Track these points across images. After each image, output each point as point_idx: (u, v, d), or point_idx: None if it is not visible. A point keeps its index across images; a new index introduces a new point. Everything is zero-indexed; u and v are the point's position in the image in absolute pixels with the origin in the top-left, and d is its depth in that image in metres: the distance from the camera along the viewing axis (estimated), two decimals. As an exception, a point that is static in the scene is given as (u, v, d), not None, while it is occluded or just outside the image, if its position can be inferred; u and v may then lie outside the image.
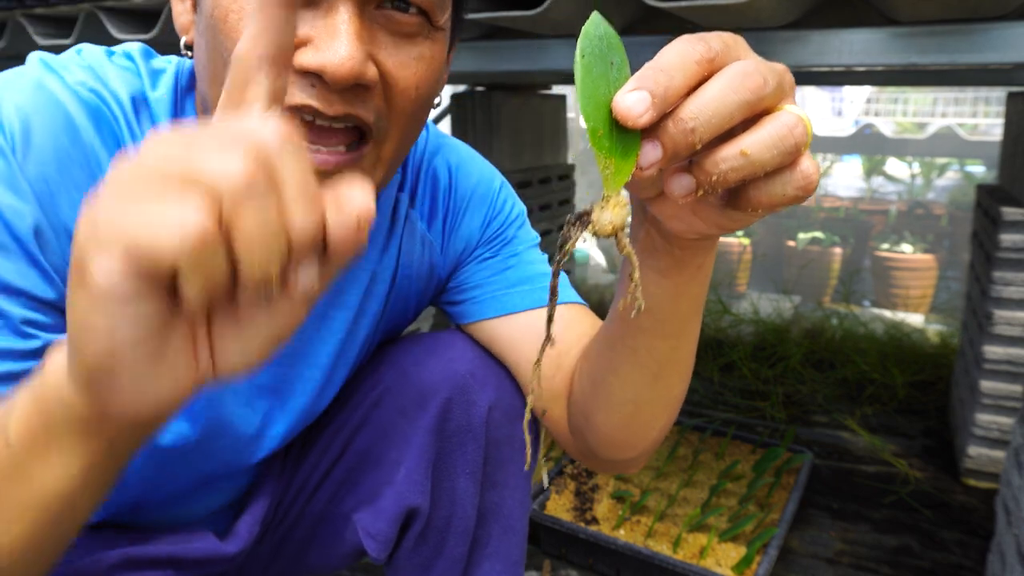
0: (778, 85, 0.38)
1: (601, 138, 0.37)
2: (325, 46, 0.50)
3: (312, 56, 0.50)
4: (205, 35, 0.54)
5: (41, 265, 0.53)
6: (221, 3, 0.51)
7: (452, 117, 2.40)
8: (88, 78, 0.59)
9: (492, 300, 0.79)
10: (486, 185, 0.81)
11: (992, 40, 1.02)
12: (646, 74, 0.36)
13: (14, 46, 1.74)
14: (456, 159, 0.80)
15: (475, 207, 0.80)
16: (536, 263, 0.81)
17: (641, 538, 1.52)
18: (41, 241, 0.53)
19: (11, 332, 0.51)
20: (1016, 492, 1.12)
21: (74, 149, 0.55)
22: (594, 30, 0.38)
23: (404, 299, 0.82)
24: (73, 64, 0.59)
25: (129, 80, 0.61)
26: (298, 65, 0.51)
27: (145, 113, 0.61)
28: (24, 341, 0.52)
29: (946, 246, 5.65)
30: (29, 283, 0.52)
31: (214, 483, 0.81)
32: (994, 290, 1.71)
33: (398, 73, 0.55)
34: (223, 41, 0.51)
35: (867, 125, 6.68)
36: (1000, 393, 1.74)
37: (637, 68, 0.37)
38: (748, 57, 0.39)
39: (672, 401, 0.63)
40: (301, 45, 0.51)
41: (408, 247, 0.78)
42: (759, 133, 0.38)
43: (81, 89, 0.57)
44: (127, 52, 0.65)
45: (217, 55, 0.52)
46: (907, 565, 1.54)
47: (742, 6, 0.98)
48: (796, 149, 0.38)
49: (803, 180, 0.39)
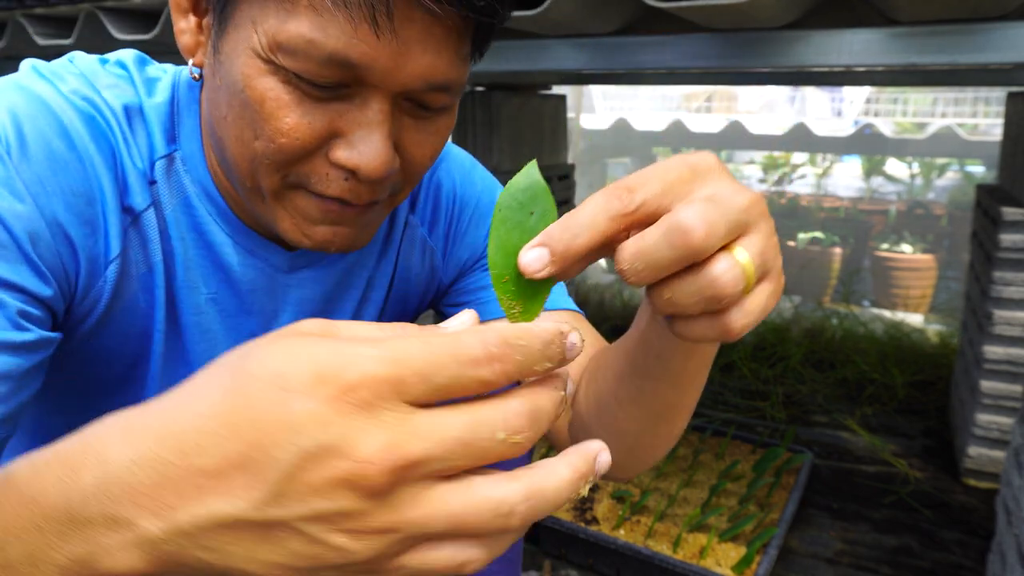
0: (731, 228, 0.38)
1: (506, 283, 0.39)
2: (359, 144, 0.53)
3: (347, 154, 0.53)
4: (230, 98, 0.54)
5: (36, 264, 0.53)
6: (255, 84, 0.51)
7: (452, 117, 2.40)
8: (81, 86, 0.59)
9: (495, 302, 0.79)
10: (489, 195, 0.81)
11: (992, 40, 1.02)
12: (553, 230, 0.37)
13: (14, 46, 1.74)
14: (459, 168, 0.81)
15: (480, 217, 0.80)
16: None
17: (641, 538, 1.52)
18: (37, 241, 0.53)
19: (8, 322, 0.51)
20: (1016, 492, 1.12)
21: (69, 153, 0.55)
22: (521, 182, 0.39)
23: (402, 302, 0.82)
24: (66, 72, 0.59)
25: (122, 89, 0.61)
26: (334, 160, 0.54)
27: (139, 123, 0.61)
28: (20, 333, 0.52)
29: (946, 246, 5.65)
30: (24, 279, 0.52)
31: None
32: (994, 290, 1.71)
33: (417, 150, 0.58)
34: (259, 122, 0.53)
35: (867, 125, 6.67)
36: (1000, 393, 1.75)
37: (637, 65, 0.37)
38: (708, 188, 0.39)
39: (672, 438, 0.64)
40: (334, 136, 0.53)
41: (407, 252, 0.78)
42: (684, 283, 0.38)
43: (75, 97, 0.57)
44: (120, 60, 0.64)
45: (247, 126, 0.54)
46: (907, 565, 1.54)
47: (742, 6, 0.98)
48: (721, 299, 0.38)
49: (721, 328, 0.39)
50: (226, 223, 0.64)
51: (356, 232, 0.60)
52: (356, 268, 0.74)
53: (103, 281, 0.59)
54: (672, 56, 1.24)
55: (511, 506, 0.31)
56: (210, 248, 0.64)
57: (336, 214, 0.57)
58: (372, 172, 0.53)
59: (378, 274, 0.77)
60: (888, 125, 6.93)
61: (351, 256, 0.73)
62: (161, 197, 0.62)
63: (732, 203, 0.38)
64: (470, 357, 0.31)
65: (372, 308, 0.78)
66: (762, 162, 7.95)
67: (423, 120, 0.57)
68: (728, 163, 10.30)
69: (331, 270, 0.72)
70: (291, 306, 0.70)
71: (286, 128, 0.52)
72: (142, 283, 0.62)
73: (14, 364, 0.51)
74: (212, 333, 0.67)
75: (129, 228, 0.60)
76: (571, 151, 6.00)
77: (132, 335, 0.63)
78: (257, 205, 0.59)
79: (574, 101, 6.17)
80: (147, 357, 0.65)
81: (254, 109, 0.52)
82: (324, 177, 0.55)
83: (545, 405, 0.33)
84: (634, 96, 9.94)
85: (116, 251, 0.59)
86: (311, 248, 0.59)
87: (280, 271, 0.68)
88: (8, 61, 1.98)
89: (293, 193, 0.57)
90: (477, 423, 0.31)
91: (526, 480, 0.32)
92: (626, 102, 9.88)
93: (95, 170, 0.57)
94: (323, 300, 0.73)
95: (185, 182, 0.63)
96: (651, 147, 7.55)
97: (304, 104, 0.52)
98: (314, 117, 0.52)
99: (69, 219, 0.55)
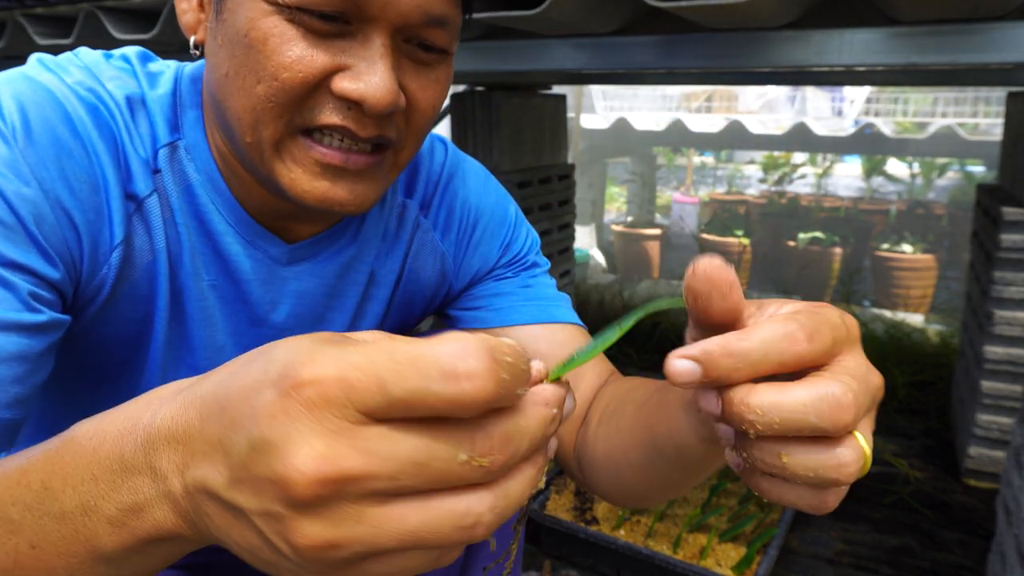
0: (860, 409, 0.36)
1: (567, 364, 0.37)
2: (364, 76, 0.54)
3: (352, 85, 0.54)
4: (232, 49, 0.55)
5: (43, 246, 0.54)
6: (259, 25, 0.53)
7: (452, 117, 2.40)
8: (85, 78, 0.60)
9: (509, 310, 0.80)
10: (503, 209, 0.83)
11: (992, 40, 1.02)
12: (713, 350, 0.35)
13: (14, 46, 1.74)
14: (475, 178, 0.82)
15: (494, 229, 0.81)
16: (551, 287, 0.84)
17: (641, 538, 1.52)
18: (43, 224, 0.54)
19: (20, 303, 0.52)
20: (1016, 492, 1.12)
21: (73, 140, 0.56)
22: (625, 323, 0.40)
23: (409, 305, 0.82)
24: (71, 65, 0.61)
25: (125, 81, 0.63)
26: (339, 90, 0.55)
27: (141, 113, 0.62)
28: (32, 315, 0.53)
29: (946, 246, 5.65)
30: (33, 261, 0.53)
31: None
32: (994, 290, 1.71)
33: (420, 95, 0.59)
34: (262, 61, 0.54)
35: (867, 125, 6.67)
36: (1000, 393, 1.74)
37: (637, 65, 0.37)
38: (853, 358, 0.37)
39: (676, 495, 0.64)
40: (337, 70, 0.54)
41: (418, 253, 0.79)
42: (808, 454, 0.36)
43: (79, 87, 0.59)
44: (124, 55, 0.66)
45: (250, 72, 0.54)
46: (907, 565, 1.54)
47: (742, 6, 0.97)
48: (839, 484, 0.36)
49: (818, 504, 0.38)
50: (229, 211, 0.65)
51: (361, 190, 0.60)
52: (356, 263, 0.74)
53: (107, 267, 0.60)
54: (672, 56, 1.24)
55: (476, 516, 0.29)
56: (211, 236, 0.65)
57: (337, 167, 0.58)
58: (377, 102, 0.54)
59: (383, 271, 0.77)
60: (888, 125, 6.92)
61: (350, 250, 0.73)
62: (166, 184, 0.63)
63: (871, 384, 0.37)
64: (440, 369, 0.27)
65: (376, 305, 0.78)
66: (762, 162, 7.95)
67: (423, 67, 0.59)
68: (728, 163, 10.29)
69: (329, 264, 0.72)
70: (289, 298, 0.71)
71: (288, 62, 0.53)
72: (146, 269, 0.63)
73: (28, 345, 0.52)
74: (213, 319, 0.68)
75: (133, 215, 0.61)
76: (571, 151, 6.01)
77: (134, 320, 0.64)
78: (258, 164, 0.59)
79: (574, 101, 6.17)
80: (148, 342, 0.66)
81: (257, 50, 0.53)
82: (327, 108, 0.56)
83: (527, 425, 0.30)
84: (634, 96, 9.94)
85: (120, 237, 0.60)
86: (313, 204, 0.59)
87: (279, 263, 0.69)
88: (8, 61, 1.98)
89: (293, 144, 0.57)
90: (435, 440, 0.28)
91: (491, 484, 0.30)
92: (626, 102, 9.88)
93: (98, 157, 0.58)
94: (323, 294, 0.73)
95: (188, 170, 0.64)
96: (651, 147, 7.55)
97: (307, 39, 0.53)
98: (317, 52, 0.54)
99: (73, 204, 0.56)
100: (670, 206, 7.67)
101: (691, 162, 9.28)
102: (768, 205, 6.65)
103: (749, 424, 0.35)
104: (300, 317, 0.72)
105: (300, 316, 0.72)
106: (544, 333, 0.78)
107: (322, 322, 0.75)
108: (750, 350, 0.35)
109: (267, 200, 0.65)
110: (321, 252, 0.71)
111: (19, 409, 0.53)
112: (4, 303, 0.51)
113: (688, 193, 8.11)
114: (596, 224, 6.49)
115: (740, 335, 0.36)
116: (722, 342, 0.35)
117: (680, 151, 8.90)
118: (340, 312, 0.75)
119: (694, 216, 7.01)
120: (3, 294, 0.51)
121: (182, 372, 0.69)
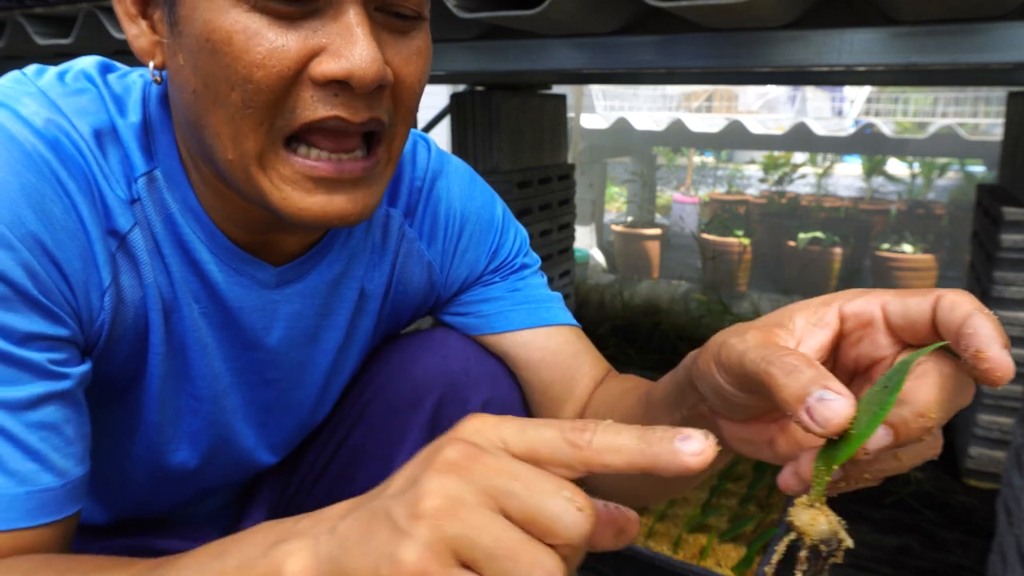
0: None
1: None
2: (344, 51, 0.49)
3: (335, 63, 0.49)
4: (196, 61, 0.51)
5: (45, 306, 0.52)
6: (219, 25, 0.49)
7: (452, 117, 2.40)
8: (42, 108, 0.54)
9: (498, 316, 0.79)
10: (490, 212, 0.81)
11: (992, 40, 1.02)
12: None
13: (13, 46, 1.74)
14: (459, 181, 0.79)
15: (481, 234, 0.80)
16: (542, 287, 0.82)
17: (641, 538, 1.52)
18: (38, 281, 0.51)
19: (44, 377, 0.51)
20: (1017, 492, 1.12)
21: (42, 184, 0.52)
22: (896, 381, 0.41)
23: (397, 315, 0.82)
24: (22, 95, 0.55)
25: (87, 108, 0.57)
26: (320, 74, 0.50)
27: (112, 145, 0.58)
28: (60, 382, 0.52)
29: (946, 246, 5.65)
30: (40, 326, 0.51)
31: (215, 492, 0.82)
32: (995, 290, 1.71)
33: (405, 69, 0.55)
34: (230, 64, 0.49)
35: (867, 125, 6.66)
36: (1001, 393, 1.74)
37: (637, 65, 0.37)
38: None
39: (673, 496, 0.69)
40: (313, 55, 0.50)
41: (404, 264, 0.77)
42: (918, 445, 0.42)
43: (35, 120, 0.53)
44: (83, 71, 0.60)
45: (221, 80, 0.50)
46: (908, 565, 1.53)
47: (742, 6, 0.97)
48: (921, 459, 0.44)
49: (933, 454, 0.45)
50: (210, 239, 0.62)
51: (361, 197, 0.56)
52: (345, 279, 0.72)
53: (102, 313, 0.57)
54: (672, 56, 1.24)
55: (551, 570, 0.34)
56: (196, 265, 0.62)
57: (331, 179, 0.53)
58: (365, 73, 0.49)
59: (371, 285, 0.75)
60: (889, 125, 6.91)
61: (337, 267, 0.71)
62: (148, 214, 0.59)
63: None
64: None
65: (368, 319, 0.78)
66: (762, 162, 7.94)
67: (401, 36, 0.54)
68: (728, 163, 10.29)
69: (319, 282, 0.70)
70: (281, 321, 0.69)
71: (259, 58, 0.49)
72: (137, 306, 0.60)
73: (67, 407, 0.53)
74: (208, 347, 0.66)
75: (116, 252, 0.58)
76: (571, 151, 6.00)
77: (131, 356, 0.63)
78: (244, 184, 0.55)
79: (574, 101, 6.17)
80: (143, 376, 0.64)
81: (223, 53, 0.49)
82: (311, 102, 0.51)
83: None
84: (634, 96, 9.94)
85: (108, 280, 0.57)
86: (310, 222, 0.54)
87: (267, 287, 0.66)
88: (8, 61, 1.98)
89: (278, 160, 0.53)
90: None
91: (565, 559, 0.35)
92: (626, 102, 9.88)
93: (71, 199, 0.54)
94: (314, 314, 0.71)
95: (167, 198, 0.60)
96: (651, 147, 7.55)
97: (274, 28, 0.49)
98: (287, 40, 0.49)
99: (60, 254, 0.53)
100: (670, 206, 7.67)
101: (691, 162, 9.28)
102: (768, 205, 6.64)
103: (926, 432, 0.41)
104: (293, 339, 0.71)
105: (293, 338, 0.71)
106: (536, 337, 0.78)
107: (315, 341, 0.73)
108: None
109: (252, 214, 0.61)
110: (309, 272, 0.69)
111: (87, 462, 0.54)
112: (28, 381, 0.50)
113: (688, 193, 8.11)
114: (596, 224, 6.49)
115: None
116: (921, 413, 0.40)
117: (680, 151, 8.89)
118: (333, 330, 0.74)
119: (694, 216, 7.01)
120: (21, 373, 0.50)
121: (181, 400, 0.67)
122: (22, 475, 0.49)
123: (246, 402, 0.73)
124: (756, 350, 0.42)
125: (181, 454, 0.71)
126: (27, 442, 0.50)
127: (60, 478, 0.52)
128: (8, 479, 0.49)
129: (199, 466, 0.73)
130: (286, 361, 0.72)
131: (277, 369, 0.72)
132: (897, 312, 0.43)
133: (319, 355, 0.75)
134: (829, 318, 0.45)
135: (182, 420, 0.69)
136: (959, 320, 0.39)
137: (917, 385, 0.40)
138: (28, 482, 0.50)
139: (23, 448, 0.50)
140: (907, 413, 0.39)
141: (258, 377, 0.72)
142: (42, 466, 0.50)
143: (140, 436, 0.67)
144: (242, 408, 0.73)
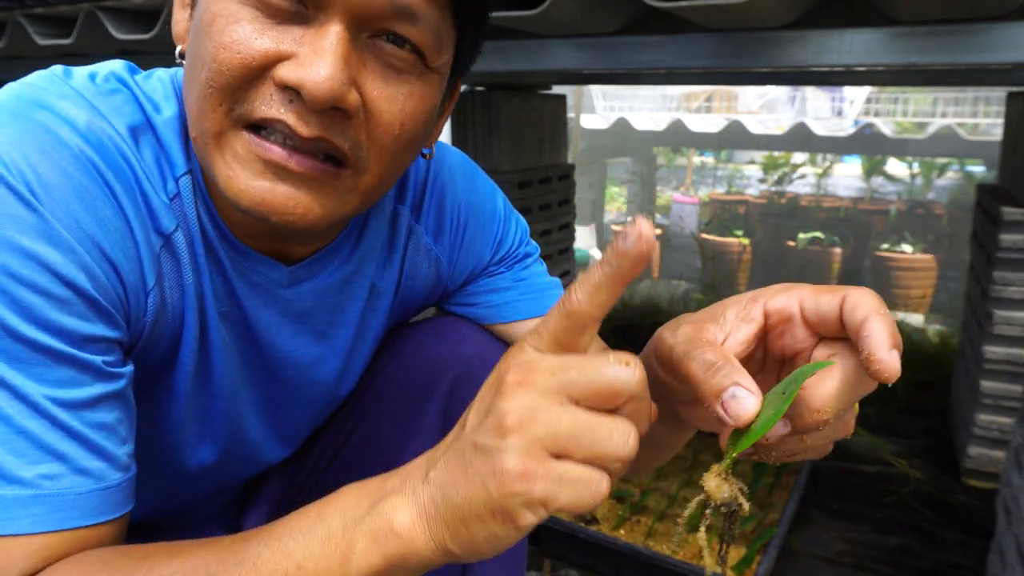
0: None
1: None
2: (308, 63, 0.49)
3: (292, 71, 0.49)
4: (193, 39, 0.54)
5: (103, 308, 0.52)
6: (211, 8, 0.51)
7: (452, 117, 2.40)
8: (81, 111, 0.54)
9: (506, 306, 0.80)
10: (492, 204, 0.81)
11: (992, 40, 1.02)
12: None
13: (14, 46, 1.74)
14: (462, 174, 0.80)
15: (484, 226, 0.80)
16: (544, 275, 0.84)
17: (641, 538, 1.52)
18: (96, 283, 0.52)
19: (101, 378, 0.52)
20: (1016, 492, 1.12)
21: (92, 186, 0.52)
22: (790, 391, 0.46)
23: (405, 308, 0.82)
24: (61, 96, 0.54)
25: (122, 108, 0.57)
26: (277, 78, 0.50)
27: (148, 141, 0.58)
28: (114, 383, 0.53)
29: (946, 246, 5.65)
30: (98, 329, 0.52)
31: (225, 490, 0.83)
32: (994, 290, 1.71)
33: (382, 106, 0.53)
34: (206, 44, 0.50)
35: (867, 125, 6.67)
36: (1000, 393, 1.74)
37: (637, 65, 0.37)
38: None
39: (647, 470, 0.72)
40: (283, 58, 0.50)
41: (413, 260, 0.78)
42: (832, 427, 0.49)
43: (79, 121, 0.53)
44: (114, 73, 0.60)
45: (197, 59, 0.51)
46: (907, 565, 1.54)
47: (742, 6, 0.97)
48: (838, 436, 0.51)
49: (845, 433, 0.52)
50: (223, 239, 0.62)
51: (303, 199, 0.53)
52: (356, 277, 0.73)
53: (146, 315, 0.58)
54: (672, 56, 1.24)
55: (626, 432, 0.42)
56: (219, 263, 0.63)
57: (279, 165, 0.52)
58: (316, 88, 0.48)
59: (382, 282, 0.76)
60: (888, 125, 6.92)
61: (349, 265, 0.71)
62: (187, 213, 0.60)
63: None
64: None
65: (378, 316, 0.78)
66: (762, 162, 7.95)
67: (392, 72, 0.53)
68: (728, 163, 10.29)
69: (330, 281, 0.70)
70: (292, 319, 0.70)
71: (228, 41, 0.49)
72: (175, 307, 0.61)
73: (119, 408, 0.54)
74: (230, 347, 0.67)
75: (161, 251, 0.58)
76: (571, 151, 6.00)
77: (163, 356, 0.63)
78: (204, 163, 0.55)
79: (574, 101, 6.17)
80: (173, 375, 0.65)
81: (204, 33, 0.51)
82: (269, 99, 0.51)
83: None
84: (634, 96, 9.94)
85: (152, 282, 0.57)
86: (247, 208, 0.53)
87: (280, 286, 0.67)
88: (8, 61, 1.98)
89: (234, 136, 0.52)
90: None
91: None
92: (626, 102, 9.88)
93: (119, 200, 0.54)
94: (326, 311, 0.72)
95: (197, 197, 0.61)
96: (651, 147, 7.55)
97: (256, 22, 0.50)
98: (263, 35, 0.50)
99: (116, 254, 0.53)
100: (670, 206, 7.67)
101: (691, 162, 9.28)
102: (768, 205, 6.65)
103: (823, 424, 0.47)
104: (305, 336, 0.72)
105: (305, 336, 0.72)
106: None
107: (327, 338, 0.74)
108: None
109: (249, 220, 0.60)
110: (321, 271, 0.69)
111: (134, 462, 0.56)
112: (88, 383, 0.51)
113: (688, 193, 8.11)
114: (596, 224, 6.49)
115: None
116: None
117: (680, 151, 8.90)
118: (344, 327, 0.75)
119: (694, 216, 7.02)
120: (82, 375, 0.51)
121: (203, 400, 0.68)
122: (94, 473, 0.51)
123: (259, 399, 0.73)
124: (682, 345, 0.49)
125: (201, 452, 0.72)
126: (93, 440, 0.51)
127: (125, 474, 0.54)
128: (84, 478, 0.50)
129: (216, 463, 0.73)
130: (299, 358, 0.73)
131: (290, 366, 0.73)
132: (811, 309, 0.48)
133: (331, 352, 0.76)
134: (755, 313, 0.51)
135: (204, 418, 0.70)
136: (858, 321, 0.44)
137: (817, 381, 0.45)
138: (101, 479, 0.51)
139: (90, 447, 0.51)
140: (804, 409, 0.45)
141: (271, 374, 0.72)
142: (109, 464, 0.52)
143: (163, 435, 0.68)
144: (255, 404, 0.73)
